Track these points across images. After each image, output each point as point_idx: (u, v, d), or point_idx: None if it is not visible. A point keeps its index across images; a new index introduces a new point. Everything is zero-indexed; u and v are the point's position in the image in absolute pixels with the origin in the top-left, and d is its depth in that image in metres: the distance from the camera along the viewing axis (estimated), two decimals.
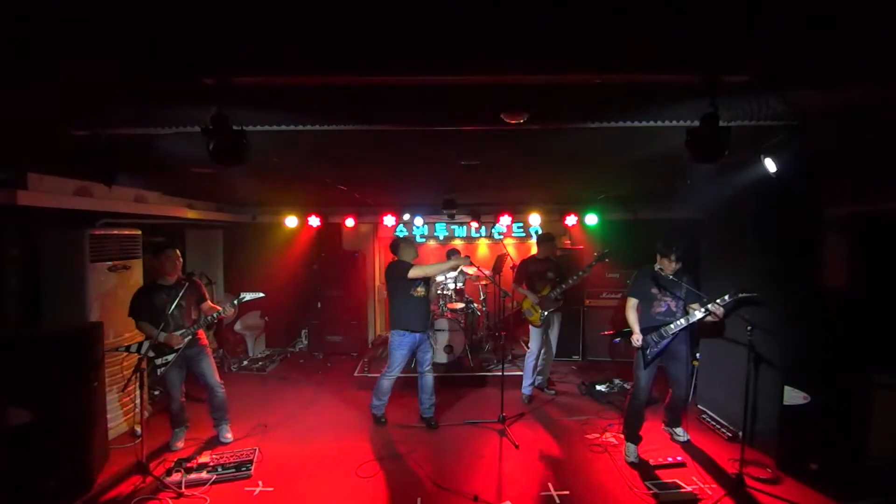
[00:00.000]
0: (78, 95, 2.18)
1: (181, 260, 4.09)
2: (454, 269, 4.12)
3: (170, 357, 3.83)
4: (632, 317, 3.92)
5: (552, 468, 3.76)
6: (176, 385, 3.96)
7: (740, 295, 3.52)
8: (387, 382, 4.45)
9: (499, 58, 1.80)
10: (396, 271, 4.33)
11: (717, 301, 3.55)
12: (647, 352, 3.78)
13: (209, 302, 4.17)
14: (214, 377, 4.11)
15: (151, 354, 3.77)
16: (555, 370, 6.01)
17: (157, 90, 2.14)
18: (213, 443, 4.18)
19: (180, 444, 4.06)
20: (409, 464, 3.82)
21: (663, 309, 3.84)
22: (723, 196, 4.43)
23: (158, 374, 3.83)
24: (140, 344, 3.79)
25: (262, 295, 4.26)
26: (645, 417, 3.91)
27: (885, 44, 1.69)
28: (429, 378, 4.49)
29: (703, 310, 3.61)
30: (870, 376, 3.45)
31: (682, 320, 3.68)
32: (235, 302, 4.22)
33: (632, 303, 3.96)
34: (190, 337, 3.92)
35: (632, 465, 3.77)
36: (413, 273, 4.22)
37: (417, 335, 4.38)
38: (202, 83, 1.93)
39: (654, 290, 3.87)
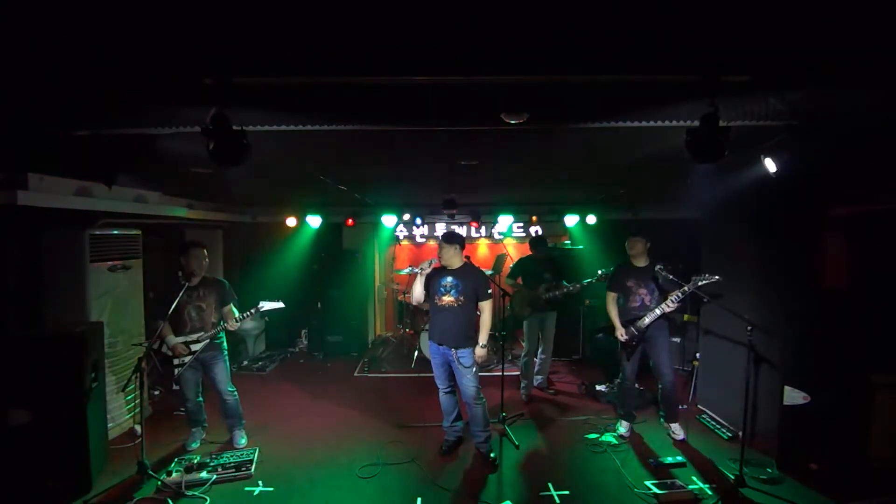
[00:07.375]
0: (78, 96, 2.18)
1: (207, 260, 3.98)
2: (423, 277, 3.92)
3: (186, 359, 3.83)
4: (612, 311, 4.18)
5: (552, 468, 3.76)
6: (190, 386, 3.94)
7: (700, 283, 3.67)
8: (441, 397, 4.02)
9: (499, 58, 1.80)
10: (433, 276, 3.94)
11: (678, 292, 3.77)
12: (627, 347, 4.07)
13: (231, 307, 3.99)
14: (225, 384, 4.01)
15: (170, 354, 3.81)
16: (555, 370, 6.01)
17: (157, 90, 2.14)
18: (215, 443, 4.17)
19: (196, 446, 4.01)
20: (409, 464, 3.82)
21: (637, 304, 4.05)
22: (723, 196, 4.44)
23: (176, 374, 3.85)
24: (162, 341, 3.80)
25: (281, 305, 4.05)
26: (635, 398, 4.09)
27: (885, 44, 1.69)
28: (476, 410, 3.82)
29: (671, 300, 3.80)
30: (870, 376, 3.45)
31: (652, 313, 3.91)
32: (253, 311, 3.98)
33: (611, 297, 4.20)
34: (207, 341, 3.88)
35: (621, 438, 4.00)
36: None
37: (442, 348, 3.83)
38: (202, 83, 1.93)
39: (630, 284, 4.08)
